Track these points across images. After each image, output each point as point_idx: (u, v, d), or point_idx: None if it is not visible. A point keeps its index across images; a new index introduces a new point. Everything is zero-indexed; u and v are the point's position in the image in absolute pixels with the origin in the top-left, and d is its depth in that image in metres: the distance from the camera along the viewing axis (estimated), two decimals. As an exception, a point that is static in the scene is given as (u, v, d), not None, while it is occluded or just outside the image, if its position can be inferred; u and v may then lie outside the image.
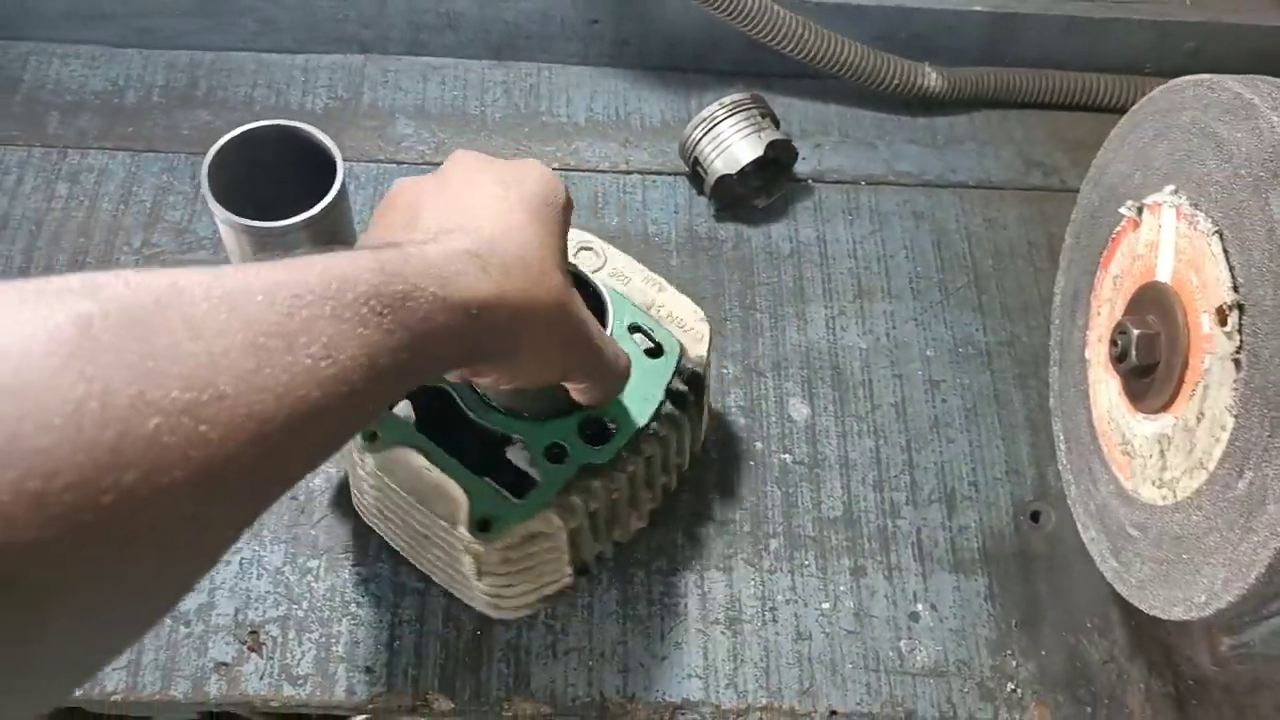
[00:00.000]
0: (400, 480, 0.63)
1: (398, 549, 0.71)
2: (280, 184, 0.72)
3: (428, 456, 0.62)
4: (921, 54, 0.95)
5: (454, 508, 0.61)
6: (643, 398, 0.66)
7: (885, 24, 0.94)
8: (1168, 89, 0.63)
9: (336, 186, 0.69)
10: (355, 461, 0.65)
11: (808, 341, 0.84)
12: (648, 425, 0.65)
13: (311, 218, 0.68)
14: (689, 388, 0.69)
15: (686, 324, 0.71)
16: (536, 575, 0.66)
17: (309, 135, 0.71)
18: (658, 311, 0.71)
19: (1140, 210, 0.65)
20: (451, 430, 0.64)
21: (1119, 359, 0.64)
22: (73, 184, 0.87)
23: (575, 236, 0.72)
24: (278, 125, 0.71)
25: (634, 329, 0.67)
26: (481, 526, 0.61)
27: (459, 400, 0.64)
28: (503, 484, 0.63)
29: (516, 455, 0.66)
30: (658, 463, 0.69)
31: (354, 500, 0.71)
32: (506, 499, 0.62)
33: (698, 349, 0.70)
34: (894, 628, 0.74)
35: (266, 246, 0.69)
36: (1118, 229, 0.68)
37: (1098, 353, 0.70)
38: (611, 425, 0.65)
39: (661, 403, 0.66)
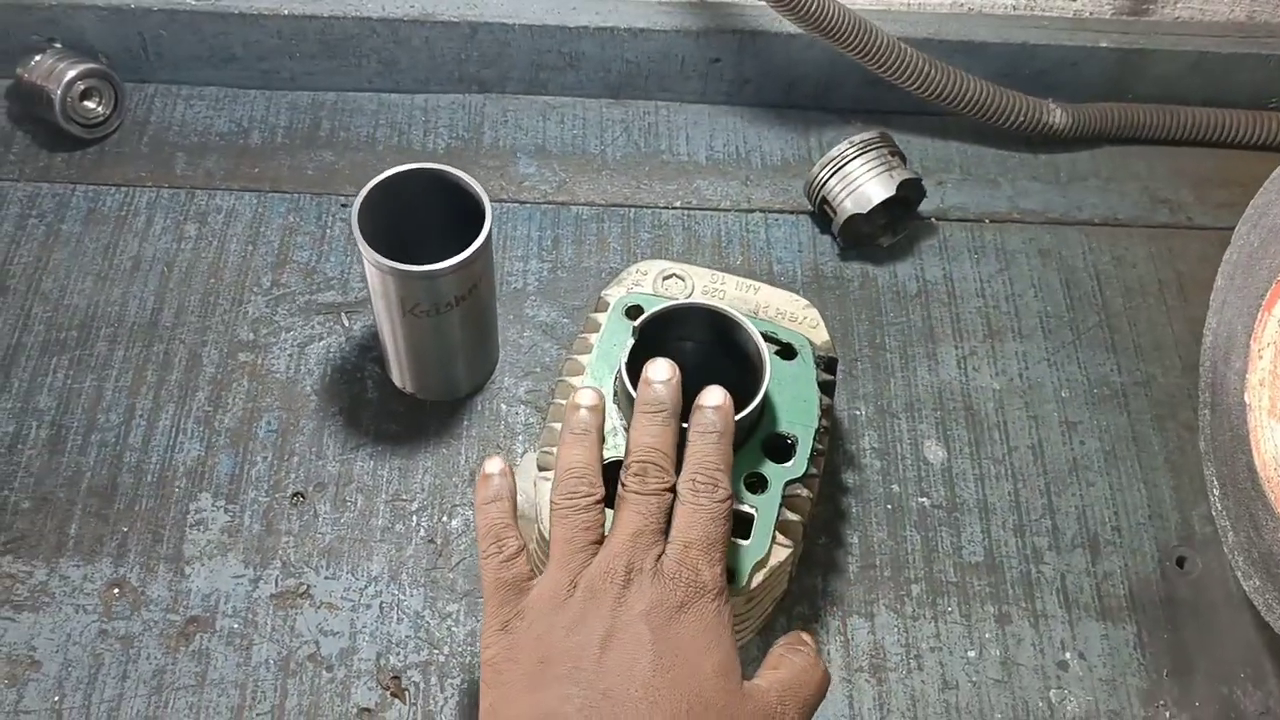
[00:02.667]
0: None
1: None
2: (421, 224, 0.72)
3: None
4: (1044, 90, 0.94)
5: None
6: (802, 399, 0.66)
7: (1009, 61, 0.94)
8: (1343, 128, 0.62)
9: (485, 231, 0.68)
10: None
11: (940, 382, 0.83)
12: (820, 423, 0.66)
13: (460, 262, 0.67)
14: (830, 373, 0.70)
15: (795, 315, 0.71)
16: (769, 601, 0.66)
17: (455, 178, 0.70)
18: (765, 312, 0.71)
19: (1312, 252, 0.63)
20: None
21: (1295, 404, 0.62)
22: (201, 224, 0.87)
23: (655, 266, 0.73)
24: (424, 168, 0.71)
25: (763, 337, 0.67)
26: (727, 579, 0.60)
27: None
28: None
29: None
30: (825, 459, 0.69)
31: None
32: (736, 544, 0.61)
33: (820, 335, 0.71)
34: (1043, 677, 0.72)
35: (412, 288, 0.69)
36: (1283, 271, 0.67)
37: (1260, 397, 0.68)
38: (790, 437, 0.65)
39: (820, 398, 0.67)
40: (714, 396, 0.58)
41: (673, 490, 0.56)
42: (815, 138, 0.96)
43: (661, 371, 0.58)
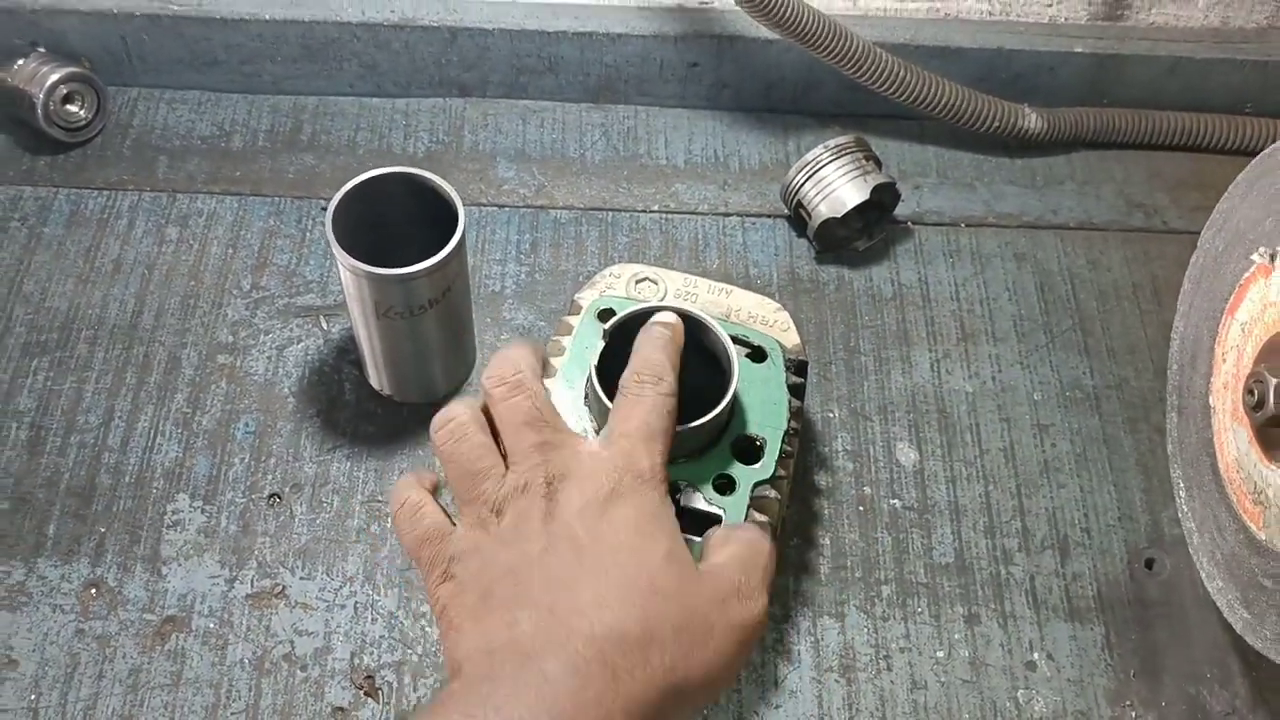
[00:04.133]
0: None
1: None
2: (396, 227, 0.73)
3: None
4: (1021, 95, 0.94)
5: None
6: (771, 402, 0.67)
7: (985, 65, 0.94)
8: (1303, 135, 0.63)
9: (458, 235, 0.69)
10: None
11: (913, 385, 0.84)
12: (789, 425, 0.66)
13: (433, 265, 0.68)
14: (801, 376, 0.71)
15: (768, 318, 0.72)
16: None
17: (429, 182, 0.71)
18: (736, 315, 0.72)
19: (1274, 257, 0.64)
20: None
21: (1255, 407, 0.63)
22: (182, 227, 0.88)
23: (628, 270, 0.73)
24: (398, 171, 0.71)
25: (733, 340, 0.67)
26: None
27: None
28: (691, 531, 0.63)
29: (689, 499, 0.65)
30: (795, 461, 0.70)
31: None
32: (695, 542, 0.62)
33: (791, 339, 0.71)
34: (1010, 677, 0.72)
35: (386, 291, 0.69)
36: (1246, 275, 0.67)
37: (1223, 400, 0.69)
38: (758, 439, 0.65)
39: (789, 400, 0.67)
40: (665, 316, 0.60)
41: (674, 395, 0.55)
42: (794, 142, 0.96)
43: (666, 316, 0.60)
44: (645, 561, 0.48)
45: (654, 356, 0.56)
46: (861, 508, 0.78)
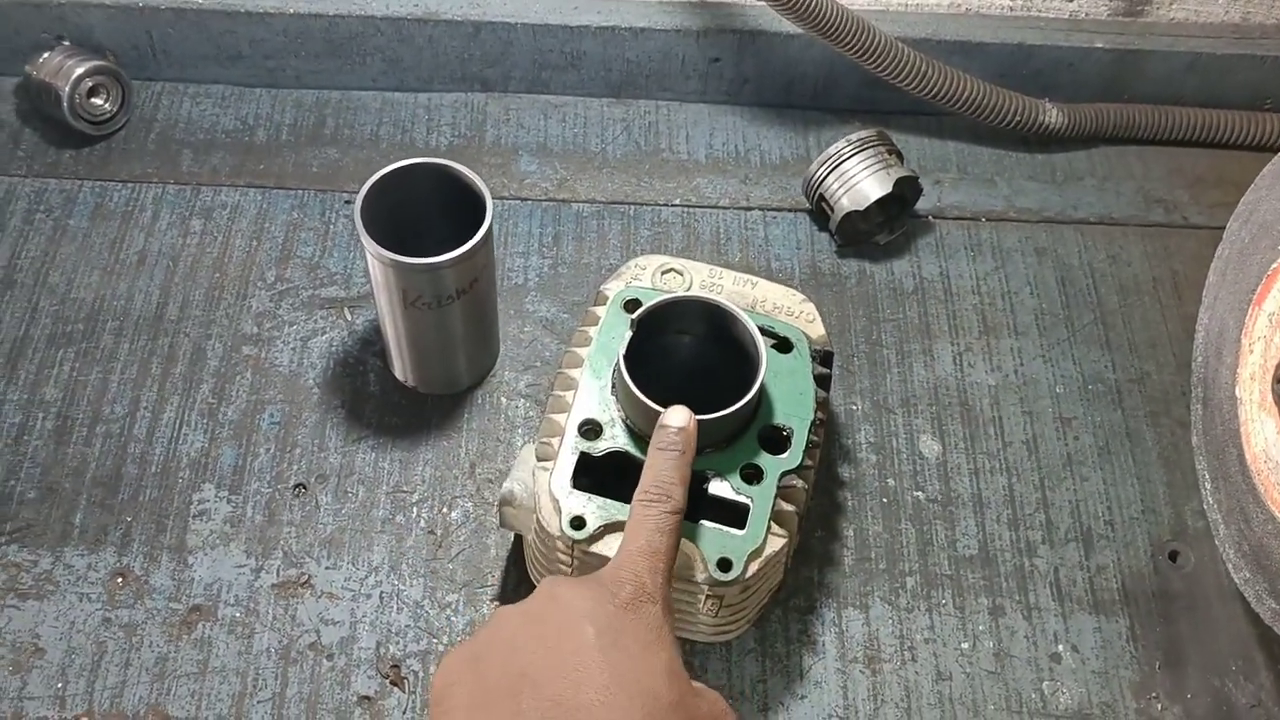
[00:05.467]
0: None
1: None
2: (423, 218, 0.73)
3: None
4: (1041, 90, 0.95)
5: (688, 561, 0.62)
6: (798, 392, 0.67)
7: (1006, 61, 0.94)
8: (1331, 125, 0.63)
9: (486, 225, 0.69)
10: (557, 546, 0.64)
11: (935, 378, 0.84)
12: (815, 415, 0.67)
13: (461, 255, 0.68)
14: (826, 367, 0.71)
15: (793, 310, 0.72)
16: (764, 592, 0.67)
17: (457, 173, 0.71)
18: (762, 306, 0.72)
19: (1302, 247, 0.64)
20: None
21: (1283, 397, 0.63)
22: (206, 220, 0.89)
23: (653, 261, 0.73)
24: (426, 163, 0.72)
25: (760, 330, 0.67)
26: (722, 568, 0.61)
27: (639, 455, 0.64)
28: (718, 520, 0.63)
29: (716, 488, 0.65)
30: (820, 452, 0.70)
31: (536, 576, 0.70)
32: (732, 534, 0.62)
33: (816, 330, 0.72)
34: (1035, 669, 0.72)
35: (414, 281, 0.70)
36: (1273, 266, 0.67)
37: (1250, 390, 0.69)
38: (785, 429, 0.66)
39: (815, 390, 0.68)
40: (678, 417, 0.59)
41: (679, 514, 0.56)
42: (814, 137, 0.97)
43: (679, 418, 0.59)
44: (649, 670, 0.50)
45: (663, 474, 0.57)
46: (885, 500, 0.78)
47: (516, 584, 0.73)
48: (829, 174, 0.86)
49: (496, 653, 0.51)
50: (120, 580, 0.72)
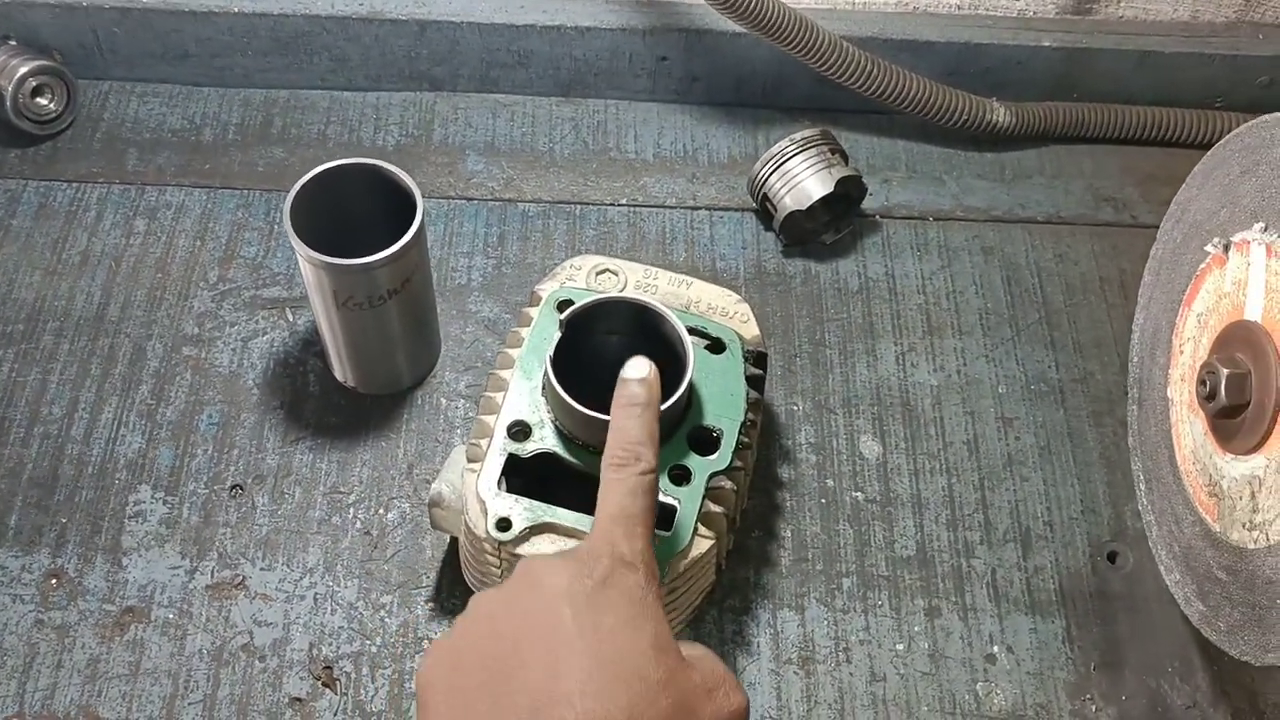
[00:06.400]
0: (543, 551, 0.62)
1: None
2: (359, 218, 0.73)
3: (562, 526, 0.62)
4: (990, 89, 0.94)
5: None
6: (729, 393, 0.67)
7: (954, 60, 0.94)
8: (1256, 125, 0.63)
9: (416, 225, 0.69)
10: (484, 548, 0.64)
11: (878, 378, 0.84)
12: (746, 416, 0.66)
13: (391, 255, 0.68)
14: (760, 368, 0.70)
15: (727, 310, 0.72)
16: (695, 593, 0.67)
17: (389, 173, 0.71)
18: (696, 307, 0.72)
19: (1227, 248, 0.64)
20: (570, 487, 0.63)
21: (1207, 398, 0.63)
22: (150, 220, 0.88)
23: (589, 261, 0.73)
24: (357, 163, 0.72)
25: (691, 331, 0.66)
26: None
27: (567, 456, 0.64)
28: None
29: None
30: (753, 453, 0.70)
31: (473, 582, 0.69)
32: (659, 536, 0.62)
33: (750, 330, 0.71)
34: (970, 670, 0.72)
35: (345, 281, 0.70)
36: (1201, 266, 0.67)
37: (1181, 392, 0.69)
38: (715, 430, 0.65)
39: (748, 392, 0.67)
40: (638, 368, 0.56)
41: (651, 473, 0.53)
42: (763, 135, 0.96)
43: (639, 368, 0.56)
44: (634, 649, 0.46)
45: (630, 431, 0.53)
46: (824, 500, 0.78)
47: (451, 585, 0.73)
48: (772, 173, 0.86)
49: (474, 642, 0.47)
50: (54, 581, 0.72)
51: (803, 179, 0.85)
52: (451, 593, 0.73)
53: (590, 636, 0.45)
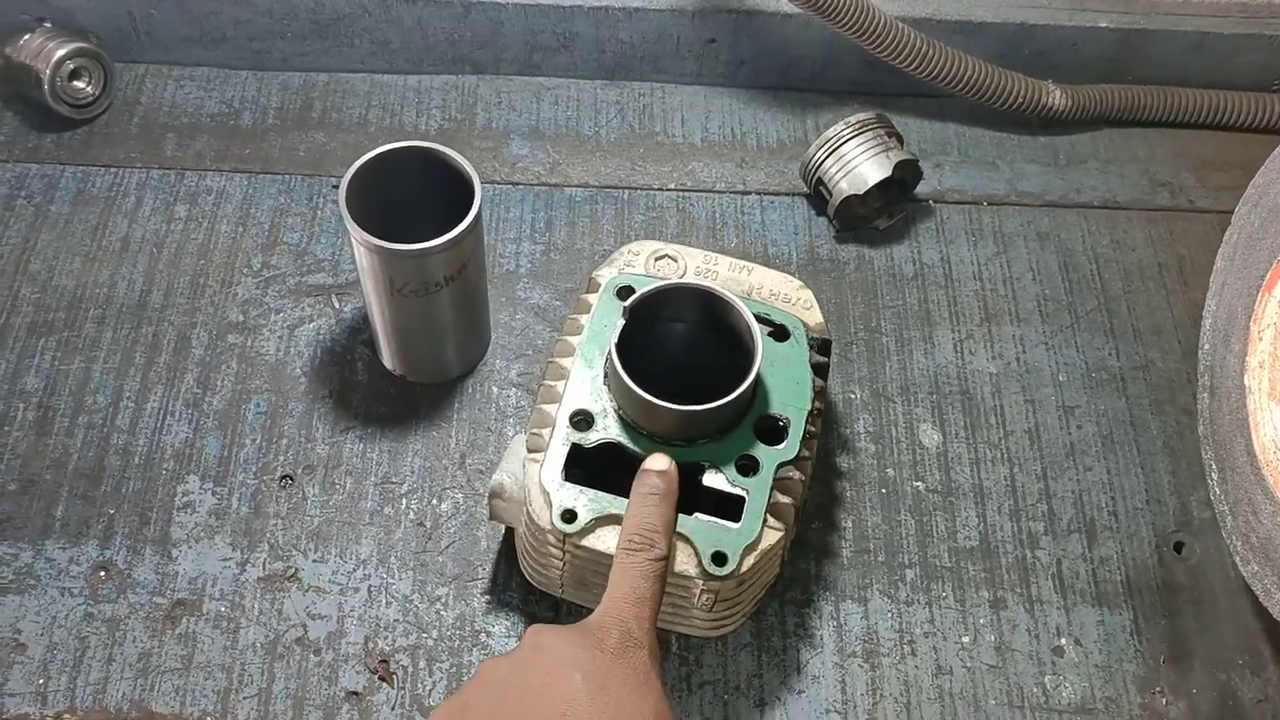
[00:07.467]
0: (607, 543, 0.61)
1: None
2: (410, 204, 0.71)
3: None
4: (1043, 71, 0.93)
5: (682, 556, 0.60)
6: (794, 381, 0.66)
7: (1007, 41, 0.92)
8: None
9: (474, 210, 0.67)
10: (547, 540, 0.63)
11: (936, 366, 0.82)
12: (812, 405, 0.65)
13: (449, 241, 0.67)
14: (824, 355, 0.69)
15: (789, 296, 0.71)
16: (759, 586, 0.66)
17: (445, 156, 0.70)
18: (758, 294, 0.70)
19: (1313, 231, 0.62)
20: (632, 477, 0.62)
21: (1294, 386, 0.61)
22: (191, 205, 0.87)
23: (648, 247, 0.72)
24: (413, 146, 0.70)
25: (755, 318, 0.65)
26: (717, 562, 0.60)
27: (632, 446, 0.63)
28: (713, 513, 0.62)
29: (711, 480, 0.63)
30: (818, 442, 0.69)
31: (531, 575, 0.68)
32: (727, 528, 0.61)
33: (814, 317, 0.70)
34: (1037, 663, 0.71)
35: (400, 267, 0.68)
36: (1283, 250, 0.65)
37: (1259, 379, 0.67)
38: (781, 419, 0.64)
39: (813, 379, 0.66)
40: (658, 462, 0.60)
41: (663, 560, 0.57)
42: (812, 119, 0.95)
43: (659, 462, 0.60)
44: (636, 717, 0.50)
45: (646, 521, 0.57)
46: (884, 490, 0.77)
47: (507, 577, 0.72)
48: (827, 157, 0.85)
49: (483, 704, 0.51)
50: (103, 574, 0.71)
51: (859, 163, 0.84)
52: (508, 585, 0.71)
53: (599, 699, 0.49)
